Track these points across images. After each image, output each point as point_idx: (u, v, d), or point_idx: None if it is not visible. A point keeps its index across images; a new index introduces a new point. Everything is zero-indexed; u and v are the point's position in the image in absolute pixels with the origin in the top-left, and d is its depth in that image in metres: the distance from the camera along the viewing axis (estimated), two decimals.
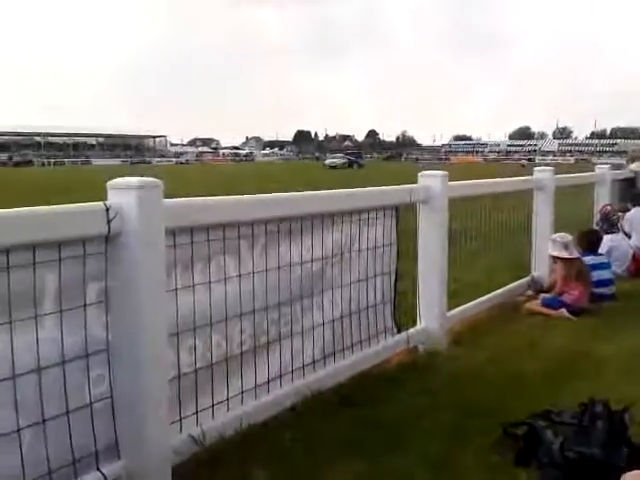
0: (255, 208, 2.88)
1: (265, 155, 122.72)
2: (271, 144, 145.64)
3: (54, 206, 2.03)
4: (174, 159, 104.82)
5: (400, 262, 3.94)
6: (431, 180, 4.14)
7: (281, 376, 2.94)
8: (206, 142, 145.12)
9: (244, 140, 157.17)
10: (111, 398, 2.15)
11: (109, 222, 2.09)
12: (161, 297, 2.24)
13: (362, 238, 3.61)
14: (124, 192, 2.15)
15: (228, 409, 2.62)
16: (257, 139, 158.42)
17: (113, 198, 2.15)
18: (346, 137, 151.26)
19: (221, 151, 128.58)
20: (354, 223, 3.54)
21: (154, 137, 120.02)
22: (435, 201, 4.10)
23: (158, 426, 2.21)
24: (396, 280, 3.93)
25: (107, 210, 2.09)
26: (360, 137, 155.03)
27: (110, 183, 2.18)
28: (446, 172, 4.18)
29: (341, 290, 3.42)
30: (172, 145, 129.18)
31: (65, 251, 1.99)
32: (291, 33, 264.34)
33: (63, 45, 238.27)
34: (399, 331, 3.92)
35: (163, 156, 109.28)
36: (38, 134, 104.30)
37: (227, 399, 2.63)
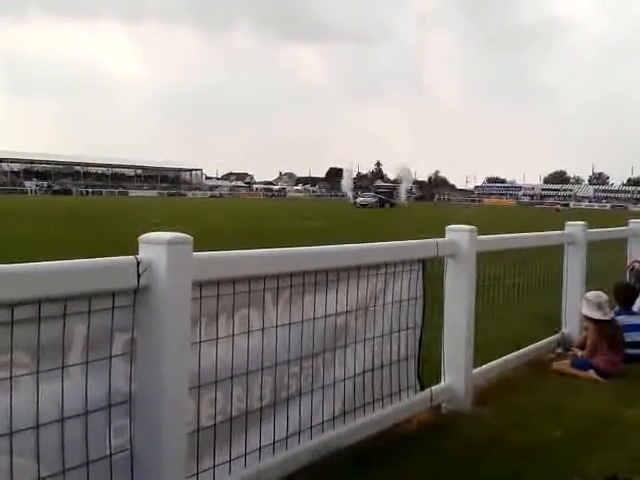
0: (281, 261, 2.91)
1: (297, 191, 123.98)
2: (304, 180, 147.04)
3: (86, 260, 2.09)
4: (208, 192, 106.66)
5: (426, 312, 3.91)
6: (459, 234, 4.13)
7: (300, 432, 2.93)
8: (240, 177, 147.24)
9: (277, 176, 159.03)
10: (130, 450, 2.17)
11: (139, 276, 2.14)
12: (185, 350, 2.28)
13: (387, 292, 3.60)
14: (155, 247, 2.20)
15: (245, 465, 2.62)
16: (290, 175, 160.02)
17: (144, 252, 2.21)
18: (378, 175, 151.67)
19: (254, 186, 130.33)
20: (380, 276, 3.54)
21: (190, 170, 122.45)
22: (463, 256, 4.09)
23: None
24: (421, 335, 3.90)
25: (138, 264, 2.14)
26: (392, 176, 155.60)
27: (142, 237, 2.24)
28: (474, 227, 4.17)
29: (364, 344, 3.40)
30: (207, 178, 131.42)
31: (95, 304, 2.05)
32: (327, 72, 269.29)
33: (103, 78, 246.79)
34: (422, 388, 3.87)
35: (198, 189, 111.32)
36: (78, 164, 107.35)
37: (245, 454, 2.62)
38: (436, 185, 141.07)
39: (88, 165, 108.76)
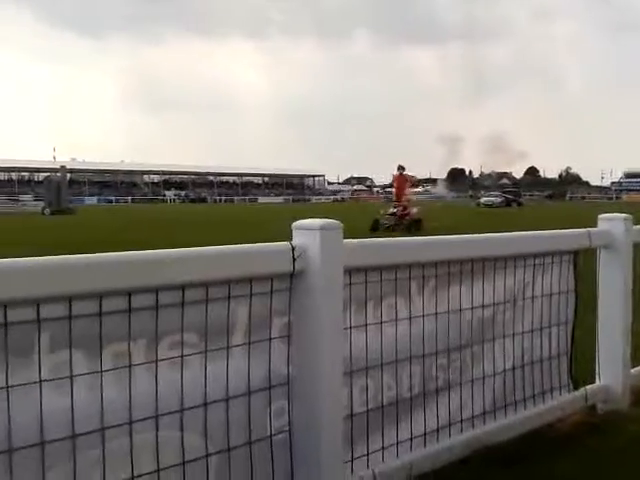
0: (426, 249, 2.87)
1: (416, 193, 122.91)
2: (425, 181, 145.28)
3: (246, 245, 2.18)
4: (331, 197, 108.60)
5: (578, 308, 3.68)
6: (613, 224, 3.85)
7: (450, 426, 2.85)
8: (361, 180, 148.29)
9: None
10: (289, 431, 2.22)
11: (294, 261, 2.19)
12: (339, 334, 2.30)
13: (536, 284, 3.43)
14: (308, 233, 2.25)
15: (398, 454, 2.59)
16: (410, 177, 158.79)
17: (298, 238, 2.26)
18: (503, 174, 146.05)
19: (374, 189, 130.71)
20: (528, 268, 3.38)
21: (313, 176, 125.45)
22: (617, 246, 3.80)
23: (333, 464, 2.23)
24: (573, 331, 3.67)
25: (293, 249, 2.20)
26: (518, 174, 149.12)
27: (295, 224, 2.30)
28: (629, 215, 3.87)
29: (513, 339, 3.26)
30: (329, 184, 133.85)
31: (255, 287, 2.13)
32: (445, 72, 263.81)
33: (232, 92, 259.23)
34: (576, 388, 3.64)
35: (321, 194, 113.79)
36: (211, 174, 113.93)
37: (397, 444, 2.60)
38: (568, 182, 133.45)
39: (220, 175, 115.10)
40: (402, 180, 21.71)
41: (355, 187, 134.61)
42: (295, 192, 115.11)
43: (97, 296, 1.77)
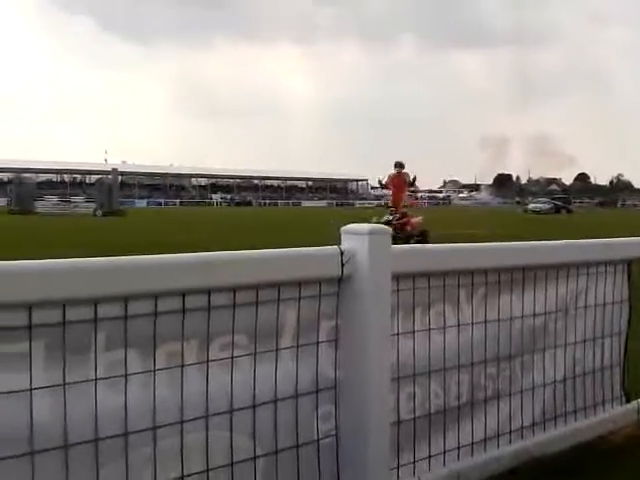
0: (476, 257, 2.83)
1: (462, 199, 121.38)
2: (469, 188, 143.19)
3: (296, 249, 2.19)
4: (374, 202, 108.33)
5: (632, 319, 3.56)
6: None
7: (498, 436, 2.80)
8: None
9: (442, 184, 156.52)
10: (336, 436, 2.22)
11: (343, 265, 2.20)
12: (386, 339, 2.29)
13: (589, 294, 3.34)
14: (357, 237, 2.25)
15: (444, 463, 2.56)
16: (454, 182, 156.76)
17: (346, 243, 2.27)
18: (552, 180, 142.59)
19: (419, 194, 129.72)
20: (580, 277, 3.29)
21: (357, 180, 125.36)
22: None
23: (380, 469, 2.22)
24: (627, 343, 3.56)
25: (341, 254, 2.20)
26: (568, 181, 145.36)
27: (344, 229, 2.31)
28: None
29: (564, 349, 3.18)
30: (372, 188, 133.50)
31: (303, 290, 2.14)
32: (493, 77, 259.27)
33: (277, 95, 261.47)
34: (628, 400, 3.53)
35: (364, 199, 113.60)
36: (256, 177, 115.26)
37: (444, 452, 2.57)
38: (619, 189, 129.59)
39: (265, 179, 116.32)
40: (400, 181, 16.29)
41: None
42: (339, 196, 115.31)
43: (152, 296, 1.81)
